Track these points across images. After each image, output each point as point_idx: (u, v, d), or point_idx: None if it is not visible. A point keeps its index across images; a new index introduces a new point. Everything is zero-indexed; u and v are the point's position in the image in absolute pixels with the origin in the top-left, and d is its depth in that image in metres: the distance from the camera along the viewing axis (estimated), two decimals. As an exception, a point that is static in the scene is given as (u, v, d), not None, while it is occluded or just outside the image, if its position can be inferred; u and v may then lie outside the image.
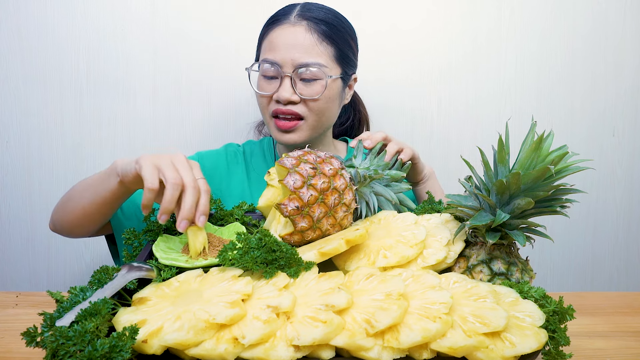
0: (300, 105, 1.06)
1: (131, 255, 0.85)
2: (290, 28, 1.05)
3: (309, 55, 1.04)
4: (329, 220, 0.78)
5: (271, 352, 0.54)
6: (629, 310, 0.96)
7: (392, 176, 0.88)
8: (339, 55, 1.08)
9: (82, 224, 0.96)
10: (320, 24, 1.06)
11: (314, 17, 1.06)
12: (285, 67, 1.04)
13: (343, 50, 1.09)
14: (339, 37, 1.08)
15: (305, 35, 1.04)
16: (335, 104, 1.11)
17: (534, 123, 0.72)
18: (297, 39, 1.04)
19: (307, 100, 1.06)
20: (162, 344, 0.54)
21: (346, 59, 1.10)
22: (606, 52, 1.49)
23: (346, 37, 1.10)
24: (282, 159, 0.79)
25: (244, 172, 1.20)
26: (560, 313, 0.62)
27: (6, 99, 1.40)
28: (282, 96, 1.04)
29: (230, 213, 0.93)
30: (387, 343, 0.55)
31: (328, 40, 1.06)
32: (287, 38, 1.04)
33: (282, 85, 1.04)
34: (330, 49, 1.06)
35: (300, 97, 1.05)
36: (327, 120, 1.12)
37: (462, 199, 0.77)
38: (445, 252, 0.73)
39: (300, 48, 1.03)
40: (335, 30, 1.07)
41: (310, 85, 1.05)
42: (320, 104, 1.06)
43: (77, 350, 0.51)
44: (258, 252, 0.67)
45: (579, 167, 0.69)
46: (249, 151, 1.24)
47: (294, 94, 1.04)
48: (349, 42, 1.11)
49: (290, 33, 1.05)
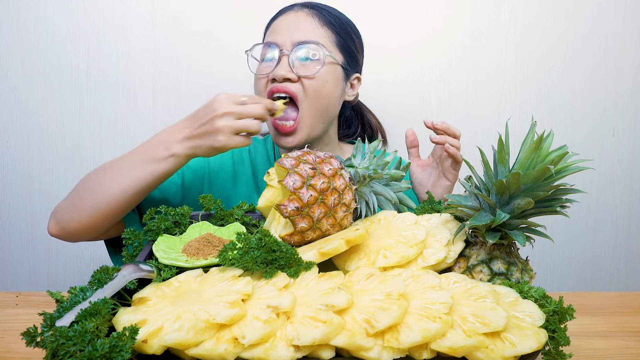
0: (297, 84, 1.04)
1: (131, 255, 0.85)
2: (293, 14, 1.08)
3: (307, 34, 1.05)
4: (328, 221, 0.78)
5: (271, 352, 0.54)
6: (629, 310, 0.96)
7: (391, 175, 0.88)
8: (341, 43, 1.09)
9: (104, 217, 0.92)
10: (323, 12, 1.08)
11: (317, 6, 1.09)
12: (284, 46, 1.04)
13: (345, 40, 1.09)
14: (341, 27, 1.09)
15: (306, 18, 1.07)
16: (335, 92, 1.09)
17: (534, 123, 0.72)
18: (297, 22, 1.06)
19: (303, 80, 1.04)
20: (162, 344, 0.55)
21: (348, 51, 1.10)
22: (606, 52, 1.49)
23: (349, 31, 1.11)
24: (281, 160, 0.79)
25: (249, 170, 1.19)
26: (560, 313, 0.62)
27: (6, 99, 1.40)
28: (278, 73, 1.03)
29: (230, 213, 0.93)
30: (387, 343, 0.55)
31: (329, 25, 1.07)
32: (288, 22, 1.07)
33: (280, 64, 1.04)
34: (331, 34, 1.07)
35: (297, 76, 1.03)
36: (325, 109, 1.08)
37: (462, 199, 0.77)
38: (445, 252, 0.73)
39: (300, 28, 1.05)
40: (338, 20, 1.09)
41: (307, 64, 1.04)
42: (316, 83, 1.04)
43: (77, 350, 0.51)
44: (258, 252, 0.67)
45: (579, 167, 0.69)
46: (253, 150, 1.23)
47: (291, 71, 1.03)
48: (351, 37, 1.11)
49: (292, 17, 1.07)
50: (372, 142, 0.90)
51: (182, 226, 0.89)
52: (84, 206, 0.92)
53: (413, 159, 1.10)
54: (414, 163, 1.09)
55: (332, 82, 1.07)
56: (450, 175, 1.04)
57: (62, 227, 0.96)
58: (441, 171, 1.06)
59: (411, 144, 1.09)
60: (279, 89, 1.04)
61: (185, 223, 0.89)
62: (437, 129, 1.01)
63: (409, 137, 1.08)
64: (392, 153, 0.91)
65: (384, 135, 1.34)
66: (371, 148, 0.89)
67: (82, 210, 0.92)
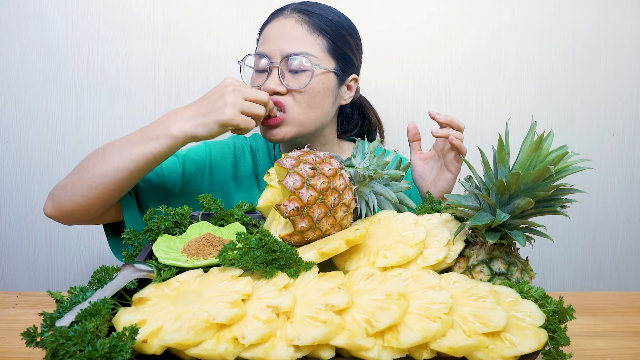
0: (287, 96, 1.04)
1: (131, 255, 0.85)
2: (282, 20, 1.06)
3: (296, 45, 1.03)
4: (328, 221, 0.78)
5: (271, 352, 0.54)
6: (629, 310, 0.96)
7: (391, 175, 0.88)
8: (333, 48, 1.06)
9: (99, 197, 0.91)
10: (313, 17, 1.05)
11: (308, 10, 1.06)
12: (273, 58, 1.04)
13: (338, 44, 1.07)
14: (333, 30, 1.06)
15: (294, 25, 1.04)
16: (327, 100, 1.08)
17: (534, 123, 0.72)
18: (286, 30, 1.04)
19: (293, 92, 1.04)
20: (162, 344, 0.54)
21: (342, 55, 1.08)
22: (606, 52, 1.49)
23: (342, 33, 1.08)
24: (281, 160, 0.79)
25: (250, 166, 1.19)
26: (560, 313, 0.62)
27: (6, 99, 1.40)
28: (268, 86, 1.03)
29: (230, 213, 0.93)
30: (387, 343, 0.55)
31: (319, 31, 1.05)
32: (277, 30, 1.05)
33: (270, 77, 1.04)
34: (322, 40, 1.05)
35: (287, 89, 1.03)
36: (316, 117, 1.07)
37: (462, 199, 0.77)
38: (445, 252, 0.73)
39: (288, 38, 1.03)
40: (330, 23, 1.06)
41: (297, 76, 1.03)
42: (306, 96, 1.04)
43: (77, 350, 0.51)
44: (258, 252, 0.67)
45: (579, 167, 0.69)
46: (255, 146, 1.22)
47: (280, 84, 1.03)
48: (345, 38, 1.09)
49: (281, 25, 1.05)
50: (372, 142, 0.90)
51: (182, 226, 0.89)
52: (80, 184, 0.91)
53: (414, 152, 1.09)
54: (415, 156, 1.08)
55: (323, 92, 1.06)
56: (453, 168, 1.03)
57: (57, 207, 0.94)
58: (443, 164, 1.05)
59: (413, 138, 1.08)
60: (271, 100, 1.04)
61: (185, 223, 0.89)
62: (441, 123, 1.00)
63: (411, 130, 1.08)
64: (392, 153, 0.91)
65: (382, 133, 1.33)
66: (371, 148, 0.89)
67: (78, 189, 0.91)
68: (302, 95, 1.04)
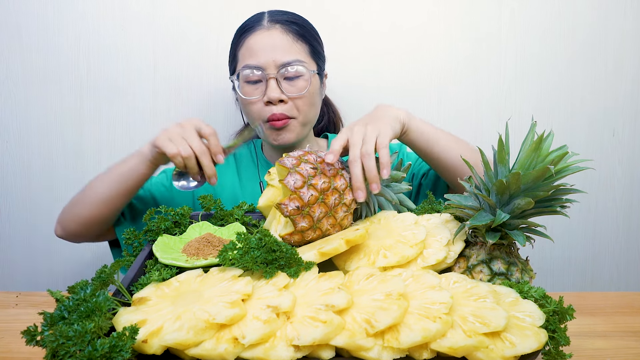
0: (289, 105, 1.09)
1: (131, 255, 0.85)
2: (266, 32, 1.10)
3: (288, 54, 1.08)
4: (329, 220, 0.78)
5: (271, 352, 0.54)
6: (629, 310, 0.96)
7: (392, 176, 0.88)
8: (313, 51, 1.14)
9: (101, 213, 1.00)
10: (292, 25, 1.12)
11: (285, 20, 1.12)
12: (268, 69, 1.08)
13: (315, 47, 1.15)
14: (309, 35, 1.14)
15: (281, 36, 1.09)
16: (318, 99, 1.16)
17: (534, 123, 0.72)
18: (274, 41, 1.09)
19: (294, 100, 1.09)
20: (162, 344, 0.55)
21: (319, 55, 1.16)
22: (606, 52, 1.49)
23: (314, 34, 1.16)
24: (282, 159, 0.79)
25: (234, 173, 1.23)
26: (560, 313, 0.62)
27: (6, 99, 1.40)
28: (272, 96, 1.07)
29: (230, 213, 0.93)
30: (387, 343, 0.55)
31: (302, 38, 1.11)
32: (265, 42, 1.09)
33: (269, 87, 1.08)
34: (305, 46, 1.12)
35: (288, 96, 1.09)
36: (313, 117, 1.16)
37: (462, 199, 0.77)
38: (445, 252, 0.73)
39: (279, 49, 1.08)
40: (305, 29, 1.13)
41: (294, 83, 1.09)
42: (306, 100, 1.11)
43: (77, 350, 0.51)
44: (258, 252, 0.67)
45: (579, 167, 0.69)
46: (238, 153, 1.27)
47: (282, 93, 1.08)
48: (317, 39, 1.17)
49: (267, 36, 1.09)
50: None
51: (182, 226, 0.89)
52: (79, 207, 1.02)
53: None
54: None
55: (317, 92, 1.15)
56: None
57: (63, 227, 1.05)
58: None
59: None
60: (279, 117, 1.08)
61: (185, 223, 0.90)
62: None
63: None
64: (392, 154, 0.91)
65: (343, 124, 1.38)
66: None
67: (78, 211, 1.02)
68: (303, 99, 1.10)
